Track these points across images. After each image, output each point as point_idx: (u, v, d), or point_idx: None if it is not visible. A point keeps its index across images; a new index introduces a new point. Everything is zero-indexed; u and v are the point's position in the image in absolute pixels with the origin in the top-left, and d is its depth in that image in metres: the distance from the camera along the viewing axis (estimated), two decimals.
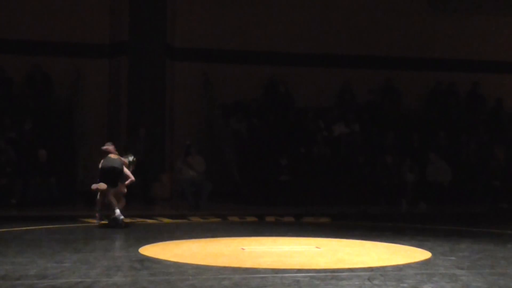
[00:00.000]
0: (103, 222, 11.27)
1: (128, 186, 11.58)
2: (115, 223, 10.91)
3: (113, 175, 11.17)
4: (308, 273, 6.98)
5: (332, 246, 9.26)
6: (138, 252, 8.27)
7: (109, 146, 11.60)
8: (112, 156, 11.39)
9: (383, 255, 8.53)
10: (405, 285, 6.45)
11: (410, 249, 8.90)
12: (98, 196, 11.31)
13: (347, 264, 7.60)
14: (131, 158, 11.89)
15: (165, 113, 17.83)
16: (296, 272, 6.99)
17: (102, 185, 11.11)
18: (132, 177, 11.49)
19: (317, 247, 8.95)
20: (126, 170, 11.44)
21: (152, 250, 8.44)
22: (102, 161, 11.40)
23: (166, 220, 12.61)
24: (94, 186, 11.21)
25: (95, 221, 11.44)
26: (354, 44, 19.28)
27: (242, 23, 18.71)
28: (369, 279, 6.67)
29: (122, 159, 11.53)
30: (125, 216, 11.52)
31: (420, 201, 16.11)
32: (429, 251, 8.58)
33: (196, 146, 15.55)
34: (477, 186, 17.12)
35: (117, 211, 10.98)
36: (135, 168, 11.98)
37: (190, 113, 18.18)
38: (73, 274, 6.78)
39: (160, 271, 7.03)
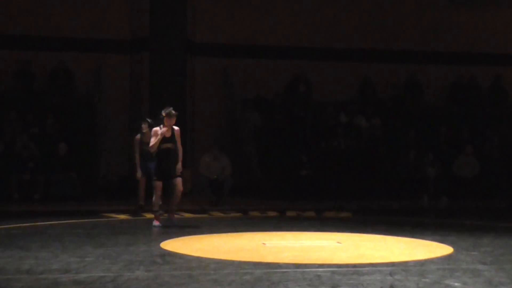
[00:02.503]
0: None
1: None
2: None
3: None
4: (330, 268, 6.97)
5: (353, 241, 9.25)
6: (160, 247, 8.31)
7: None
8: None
9: (405, 250, 8.50)
10: (427, 280, 6.42)
11: (432, 244, 8.86)
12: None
13: (368, 259, 7.58)
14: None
15: (186, 108, 17.85)
16: (317, 267, 6.99)
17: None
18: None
19: (338, 242, 8.94)
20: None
21: (174, 245, 8.48)
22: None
23: (187, 215, 12.65)
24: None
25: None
26: (374, 38, 19.18)
27: (262, 18, 18.68)
28: (390, 274, 6.65)
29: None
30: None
31: (442, 196, 16.02)
32: (451, 246, 8.54)
33: (220, 144, 15.53)
34: (500, 180, 16.99)
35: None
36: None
37: (211, 108, 18.20)
38: (96, 269, 6.82)
39: (181, 266, 7.05)
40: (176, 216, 11.10)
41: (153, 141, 10.40)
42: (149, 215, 11.60)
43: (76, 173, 15.17)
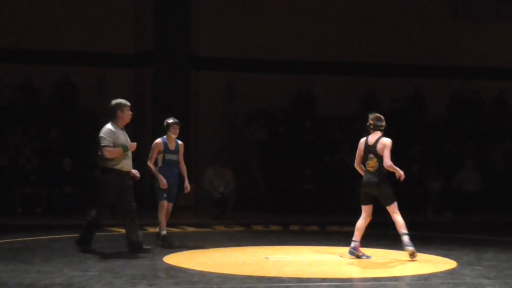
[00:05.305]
0: None
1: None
2: None
3: None
4: (333, 282, 6.94)
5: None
6: (163, 261, 8.29)
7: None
8: None
9: (409, 265, 8.47)
10: None
11: (436, 259, 8.83)
12: None
13: (372, 274, 7.56)
14: None
15: (189, 122, 17.88)
16: (320, 282, 6.96)
17: None
18: None
19: (341, 256, 8.91)
20: None
21: (177, 259, 8.46)
22: None
23: (190, 229, 12.63)
24: None
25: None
26: (378, 53, 19.23)
27: (266, 32, 18.74)
28: None
29: None
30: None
31: (445, 210, 15.98)
32: (455, 260, 8.51)
33: (223, 157, 15.53)
34: (504, 194, 16.94)
35: None
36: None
37: (215, 122, 18.21)
38: (99, 283, 6.80)
39: (184, 280, 7.03)
40: (178, 230, 11.04)
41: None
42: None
43: (79, 186, 15.16)
